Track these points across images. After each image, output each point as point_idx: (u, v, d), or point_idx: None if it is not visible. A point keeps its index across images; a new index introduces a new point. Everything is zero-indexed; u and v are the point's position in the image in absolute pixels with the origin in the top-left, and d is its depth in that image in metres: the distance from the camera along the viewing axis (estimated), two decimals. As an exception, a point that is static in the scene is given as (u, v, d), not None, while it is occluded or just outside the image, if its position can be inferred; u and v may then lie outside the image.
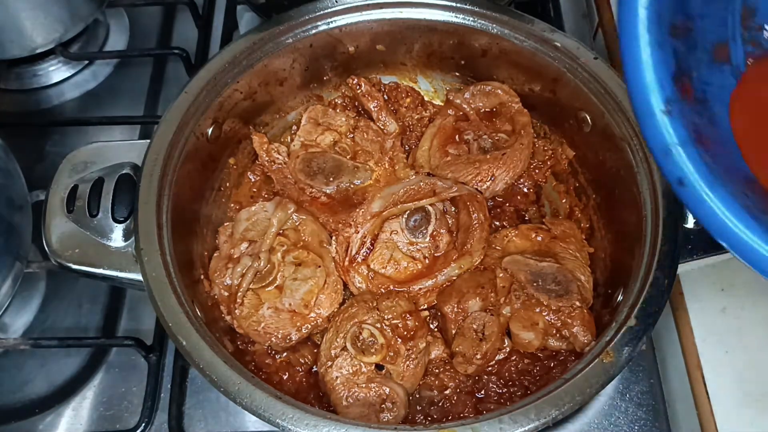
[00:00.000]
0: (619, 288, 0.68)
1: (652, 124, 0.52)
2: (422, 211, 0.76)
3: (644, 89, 0.52)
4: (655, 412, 0.77)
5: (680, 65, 0.54)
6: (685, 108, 0.53)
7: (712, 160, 0.52)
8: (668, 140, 0.51)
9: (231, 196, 0.85)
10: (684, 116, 0.52)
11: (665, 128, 0.51)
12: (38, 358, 0.83)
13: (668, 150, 0.51)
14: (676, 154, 0.51)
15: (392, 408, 0.67)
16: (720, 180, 0.50)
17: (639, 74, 0.52)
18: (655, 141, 0.52)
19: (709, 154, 0.52)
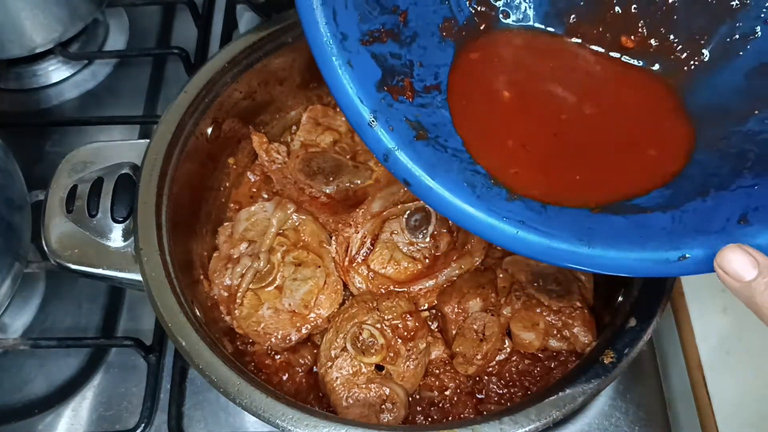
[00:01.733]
0: (619, 288, 0.68)
1: (364, 136, 0.53)
2: (422, 210, 0.76)
3: (348, 107, 0.53)
4: (656, 413, 0.77)
5: (387, 68, 0.55)
6: (400, 107, 0.55)
7: (435, 148, 0.54)
8: (382, 148, 0.53)
9: (231, 196, 0.85)
10: (396, 118, 0.54)
11: (374, 139, 0.53)
12: (37, 359, 0.83)
13: (387, 156, 0.53)
14: (393, 159, 0.53)
15: (392, 409, 0.67)
16: (443, 167, 0.53)
17: (339, 93, 0.54)
18: (373, 150, 0.54)
19: (432, 144, 0.54)
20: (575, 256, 0.49)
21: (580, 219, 0.50)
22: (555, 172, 0.55)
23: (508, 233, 0.50)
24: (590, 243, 0.48)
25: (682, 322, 0.78)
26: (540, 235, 0.50)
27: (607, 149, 0.56)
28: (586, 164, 0.55)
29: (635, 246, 0.47)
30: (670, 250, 0.46)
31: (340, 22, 0.53)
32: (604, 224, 0.50)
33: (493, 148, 0.56)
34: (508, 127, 0.58)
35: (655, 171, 0.53)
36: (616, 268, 0.48)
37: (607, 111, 0.58)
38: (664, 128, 0.56)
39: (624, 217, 0.49)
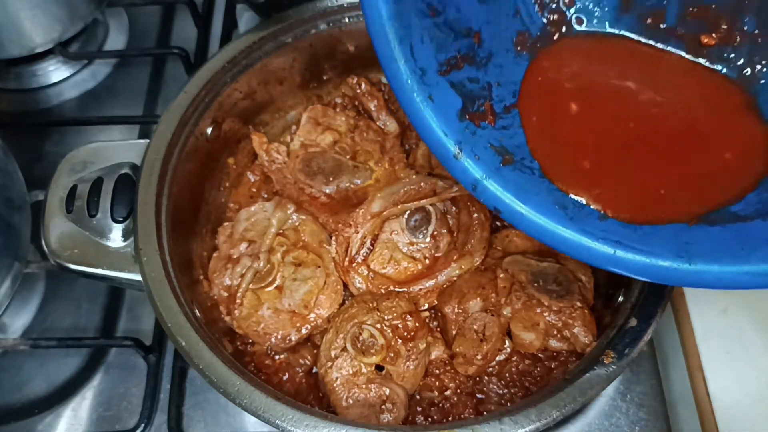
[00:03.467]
0: (620, 288, 0.68)
1: (451, 168, 0.53)
2: (422, 211, 0.76)
3: (432, 141, 0.52)
4: (656, 413, 0.77)
5: (466, 94, 0.54)
6: (483, 134, 0.53)
7: (522, 171, 0.53)
8: (469, 179, 0.52)
9: (230, 196, 0.84)
10: (480, 146, 0.53)
11: (461, 171, 0.52)
12: (37, 359, 0.83)
13: (475, 186, 0.52)
14: (481, 188, 0.52)
15: (392, 409, 0.67)
16: (532, 190, 0.52)
17: (423, 129, 0.52)
18: (461, 181, 0.53)
19: (518, 167, 0.53)
20: (676, 273, 0.47)
21: (678, 233, 0.49)
22: (637, 188, 0.53)
23: (606, 254, 0.49)
24: (690, 259, 0.47)
25: (682, 322, 0.78)
26: (638, 253, 0.48)
27: (683, 157, 0.54)
28: (666, 176, 0.53)
29: (738, 259, 0.45)
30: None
31: (418, 57, 0.52)
32: (702, 237, 0.48)
33: (569, 169, 0.54)
34: (581, 144, 0.56)
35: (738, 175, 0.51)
36: (721, 284, 0.46)
37: (677, 116, 0.56)
38: (739, 131, 0.54)
39: (722, 227, 0.48)
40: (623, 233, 0.50)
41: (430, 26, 0.53)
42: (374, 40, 0.51)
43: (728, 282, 0.46)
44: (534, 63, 0.59)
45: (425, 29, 0.52)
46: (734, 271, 0.45)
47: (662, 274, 0.48)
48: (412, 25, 0.51)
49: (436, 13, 0.53)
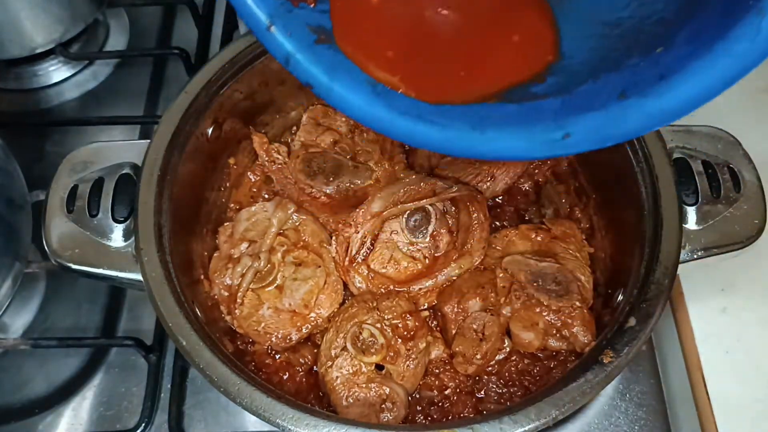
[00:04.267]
0: (619, 288, 0.68)
1: (264, 41, 0.55)
2: (422, 211, 0.76)
3: (245, 14, 0.55)
4: (656, 413, 0.77)
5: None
6: (300, 13, 0.55)
7: (337, 50, 0.55)
8: (282, 52, 0.54)
9: (231, 196, 0.85)
10: (295, 23, 0.55)
11: (274, 43, 0.54)
12: (38, 358, 0.83)
13: (287, 59, 0.54)
14: (293, 63, 0.54)
15: (392, 408, 0.67)
16: (344, 68, 0.54)
17: (237, 4, 0.55)
18: (274, 54, 0.55)
19: (334, 47, 0.55)
20: (469, 143, 0.50)
21: (476, 109, 0.52)
22: (438, 71, 0.55)
23: (406, 127, 0.52)
24: (483, 130, 0.50)
25: (681, 322, 0.78)
26: (436, 126, 0.51)
27: (479, 41, 0.57)
28: (464, 59, 0.56)
29: (525, 128, 0.49)
30: (555, 130, 0.47)
31: None
32: (498, 112, 0.51)
33: (374, 57, 0.56)
34: (383, 33, 0.58)
35: (528, 59, 0.54)
36: (507, 152, 0.50)
37: (472, 5, 0.58)
38: (529, 19, 0.57)
39: (518, 104, 0.51)
40: (424, 108, 0.52)
41: None
42: None
43: (514, 150, 0.49)
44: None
45: None
46: (519, 140, 0.49)
47: (457, 144, 0.51)
48: None
49: None
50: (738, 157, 0.71)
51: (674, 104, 0.43)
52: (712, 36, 0.40)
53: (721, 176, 0.70)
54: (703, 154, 0.71)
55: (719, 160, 0.71)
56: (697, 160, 0.71)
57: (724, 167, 0.70)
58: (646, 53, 0.46)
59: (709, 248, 0.67)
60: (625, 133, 0.46)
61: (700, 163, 0.71)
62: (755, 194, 0.69)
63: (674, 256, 0.64)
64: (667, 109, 0.43)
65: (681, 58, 0.42)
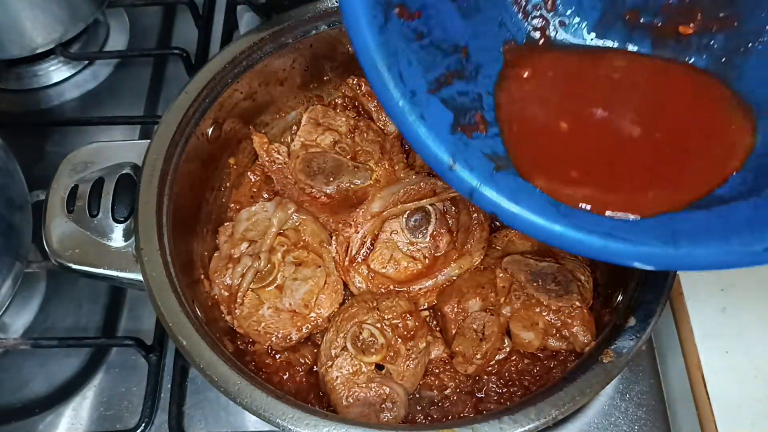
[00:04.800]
0: (618, 288, 0.68)
1: (447, 179, 0.55)
2: (422, 211, 0.76)
3: (427, 156, 0.55)
4: (655, 412, 0.77)
5: (457, 107, 0.56)
6: (475, 143, 0.56)
7: (516, 175, 0.55)
8: (465, 188, 0.55)
9: (231, 196, 0.85)
10: (474, 156, 0.55)
11: (457, 181, 0.55)
12: (38, 358, 0.83)
13: (471, 194, 0.55)
14: (478, 196, 0.54)
15: (392, 408, 0.67)
16: (526, 192, 0.54)
17: (417, 145, 0.55)
18: (458, 190, 0.55)
19: (513, 171, 0.56)
20: (664, 259, 0.50)
21: (665, 221, 0.51)
22: (626, 192, 0.55)
23: (597, 245, 0.51)
24: (677, 244, 0.49)
25: (681, 321, 0.78)
26: (627, 243, 0.50)
27: (666, 155, 0.56)
28: (654, 178, 0.55)
29: (720, 241, 0.48)
30: (754, 243, 0.47)
31: (407, 81, 0.54)
32: (688, 222, 0.50)
33: (557, 179, 0.56)
34: (566, 155, 0.58)
35: (721, 165, 0.54)
36: (706, 266, 0.49)
37: (659, 117, 0.58)
38: (719, 120, 0.57)
39: (708, 211, 0.50)
40: (613, 224, 0.52)
41: (417, 49, 0.55)
42: (364, 69, 0.54)
43: (713, 264, 0.49)
44: (512, 71, 0.61)
45: (412, 53, 0.55)
46: (716, 253, 0.48)
47: (652, 259, 0.50)
48: (399, 51, 0.54)
49: (422, 36, 0.56)
50: (738, 157, 0.71)
51: None
52: None
53: (721, 176, 0.70)
54: (703, 154, 0.71)
55: (719, 160, 0.71)
56: (697, 160, 0.71)
57: (724, 167, 0.70)
58: None
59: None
60: None
61: (700, 163, 0.70)
62: (755, 194, 0.69)
63: (674, 256, 0.64)
64: None
65: None
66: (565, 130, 0.58)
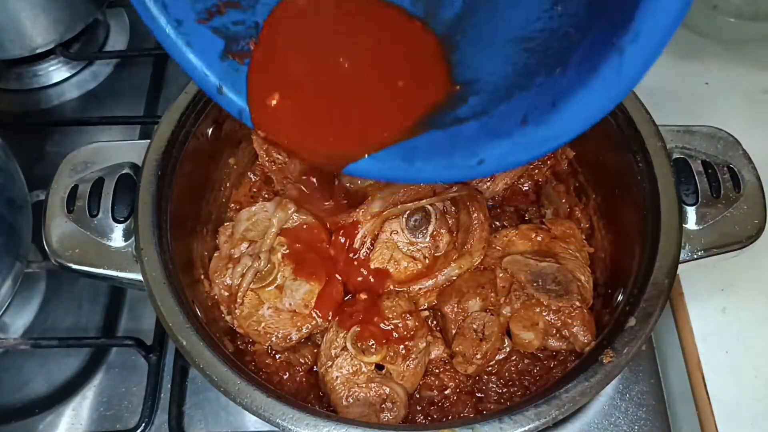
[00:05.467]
0: (619, 288, 0.68)
1: (218, 101, 0.60)
2: (422, 211, 0.76)
3: (198, 80, 0.60)
4: (655, 413, 0.77)
5: (230, 36, 0.60)
6: (246, 69, 0.60)
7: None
8: (235, 109, 0.59)
9: (231, 196, 0.85)
10: (243, 80, 0.59)
11: (226, 103, 0.60)
12: (38, 358, 0.83)
13: (241, 113, 0.60)
14: (246, 116, 0.59)
15: (392, 408, 0.67)
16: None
17: (188, 71, 0.60)
18: (228, 110, 0.60)
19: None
20: (400, 173, 0.55)
21: (408, 143, 0.55)
22: (360, 126, 0.59)
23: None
24: (412, 161, 0.54)
25: (681, 321, 0.78)
26: (373, 161, 0.56)
27: (387, 91, 0.60)
28: (380, 107, 0.59)
29: (446, 157, 0.53)
30: (470, 157, 0.51)
31: (171, 12, 0.57)
32: (426, 141, 0.55)
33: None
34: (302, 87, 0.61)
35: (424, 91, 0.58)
36: (433, 178, 0.55)
37: (379, 56, 0.62)
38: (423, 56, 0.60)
39: (443, 131, 0.54)
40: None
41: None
42: (133, 3, 0.57)
43: (440, 177, 0.55)
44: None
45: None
46: (442, 168, 0.53)
47: (390, 173, 0.56)
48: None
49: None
50: (738, 157, 0.71)
51: (560, 131, 0.46)
52: (591, 64, 0.43)
53: (720, 176, 0.70)
54: (703, 154, 0.71)
55: (719, 160, 0.71)
56: (696, 160, 0.71)
57: (724, 167, 0.70)
58: (549, 72, 0.49)
59: (709, 248, 0.67)
60: (524, 158, 0.49)
61: (699, 163, 0.71)
62: (755, 194, 0.69)
63: (674, 256, 0.64)
64: (555, 136, 0.47)
65: (570, 83, 0.45)
66: (301, 69, 0.61)
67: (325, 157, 0.58)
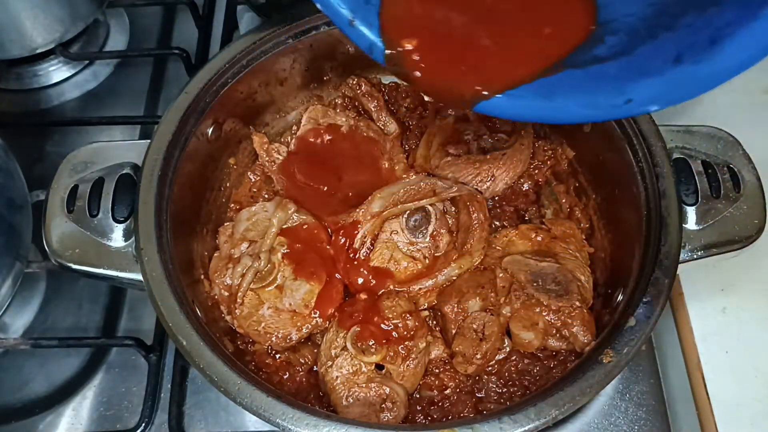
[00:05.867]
0: (619, 288, 0.68)
1: (349, 34, 0.58)
2: (422, 211, 0.76)
3: (330, 14, 0.58)
4: (655, 412, 0.77)
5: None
6: (375, 2, 0.58)
7: None
8: (366, 43, 0.58)
9: (231, 196, 0.85)
10: (374, 13, 0.58)
11: (357, 36, 0.58)
12: (38, 358, 0.83)
13: (371, 49, 0.58)
14: (377, 51, 0.58)
15: (392, 408, 0.67)
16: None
17: (321, 4, 0.58)
18: (359, 45, 0.59)
19: None
20: (540, 111, 0.54)
21: (548, 81, 0.54)
22: (514, 68, 0.57)
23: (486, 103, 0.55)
24: (552, 98, 0.53)
25: (681, 321, 0.78)
26: (511, 98, 0.54)
27: (527, 20, 0.58)
28: (517, 39, 0.58)
29: (589, 95, 0.52)
30: (617, 95, 0.50)
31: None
32: (567, 80, 0.53)
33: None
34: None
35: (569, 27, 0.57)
36: (576, 117, 0.54)
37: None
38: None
39: (583, 69, 0.53)
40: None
41: None
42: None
43: (581, 116, 0.53)
44: None
45: None
46: (584, 106, 0.52)
47: (528, 112, 0.55)
48: None
49: None
50: (738, 157, 0.71)
51: (724, 69, 0.45)
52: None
53: (720, 176, 0.70)
54: (703, 154, 0.71)
55: (719, 160, 0.71)
56: (696, 160, 0.71)
57: (724, 167, 0.70)
58: (700, 11, 0.47)
59: (709, 248, 0.67)
60: (681, 97, 0.48)
61: (699, 163, 0.71)
62: (755, 194, 0.69)
63: (674, 256, 0.64)
64: (718, 74, 0.45)
65: (731, 20, 0.44)
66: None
67: (458, 96, 0.57)
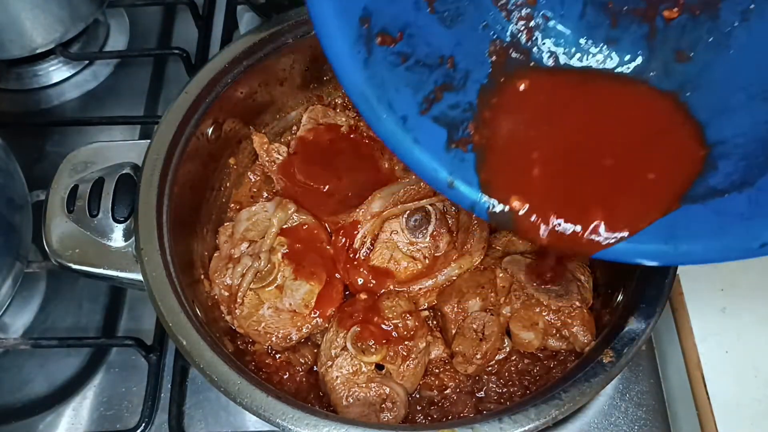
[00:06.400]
0: (619, 288, 0.68)
1: (449, 196, 0.57)
2: (422, 211, 0.76)
3: (426, 178, 0.57)
4: (655, 412, 0.77)
5: (449, 122, 0.57)
6: (470, 157, 0.57)
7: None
8: (467, 203, 0.57)
9: (231, 196, 0.85)
10: (471, 170, 0.57)
11: (458, 198, 0.57)
12: (38, 358, 0.83)
13: (473, 207, 0.57)
14: (479, 209, 0.56)
15: (392, 408, 0.67)
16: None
17: (415, 169, 0.56)
18: (461, 204, 0.57)
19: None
20: (665, 258, 0.52)
21: (664, 221, 0.52)
22: (632, 215, 0.55)
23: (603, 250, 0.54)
24: (676, 243, 0.51)
25: (681, 321, 0.78)
26: (632, 244, 0.53)
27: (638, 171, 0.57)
28: (629, 193, 0.56)
29: (716, 239, 0.49)
30: (750, 240, 0.48)
31: (397, 108, 0.55)
32: (685, 219, 0.51)
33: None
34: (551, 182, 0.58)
35: (679, 159, 0.55)
36: (703, 260, 0.51)
37: (620, 135, 0.58)
38: (674, 131, 0.57)
39: (703, 204, 0.51)
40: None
41: (403, 73, 0.55)
42: (355, 104, 0.55)
43: (709, 259, 0.50)
44: (506, 79, 0.60)
45: (399, 78, 0.55)
46: (713, 250, 0.50)
47: (652, 257, 0.53)
48: (386, 81, 0.54)
49: (407, 57, 0.55)
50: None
51: None
52: None
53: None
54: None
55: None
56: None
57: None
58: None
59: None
60: None
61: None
62: (755, 194, 0.69)
63: (674, 256, 0.64)
64: None
65: None
66: (537, 157, 0.58)
67: (577, 252, 0.57)
